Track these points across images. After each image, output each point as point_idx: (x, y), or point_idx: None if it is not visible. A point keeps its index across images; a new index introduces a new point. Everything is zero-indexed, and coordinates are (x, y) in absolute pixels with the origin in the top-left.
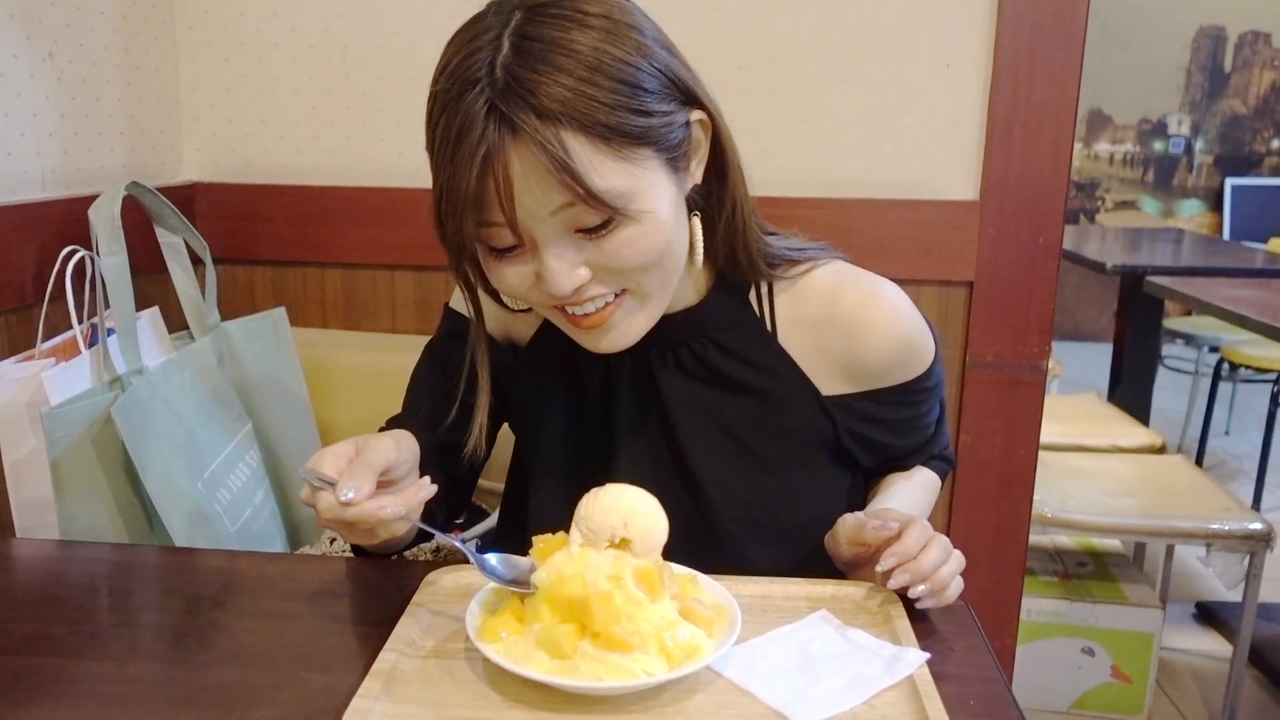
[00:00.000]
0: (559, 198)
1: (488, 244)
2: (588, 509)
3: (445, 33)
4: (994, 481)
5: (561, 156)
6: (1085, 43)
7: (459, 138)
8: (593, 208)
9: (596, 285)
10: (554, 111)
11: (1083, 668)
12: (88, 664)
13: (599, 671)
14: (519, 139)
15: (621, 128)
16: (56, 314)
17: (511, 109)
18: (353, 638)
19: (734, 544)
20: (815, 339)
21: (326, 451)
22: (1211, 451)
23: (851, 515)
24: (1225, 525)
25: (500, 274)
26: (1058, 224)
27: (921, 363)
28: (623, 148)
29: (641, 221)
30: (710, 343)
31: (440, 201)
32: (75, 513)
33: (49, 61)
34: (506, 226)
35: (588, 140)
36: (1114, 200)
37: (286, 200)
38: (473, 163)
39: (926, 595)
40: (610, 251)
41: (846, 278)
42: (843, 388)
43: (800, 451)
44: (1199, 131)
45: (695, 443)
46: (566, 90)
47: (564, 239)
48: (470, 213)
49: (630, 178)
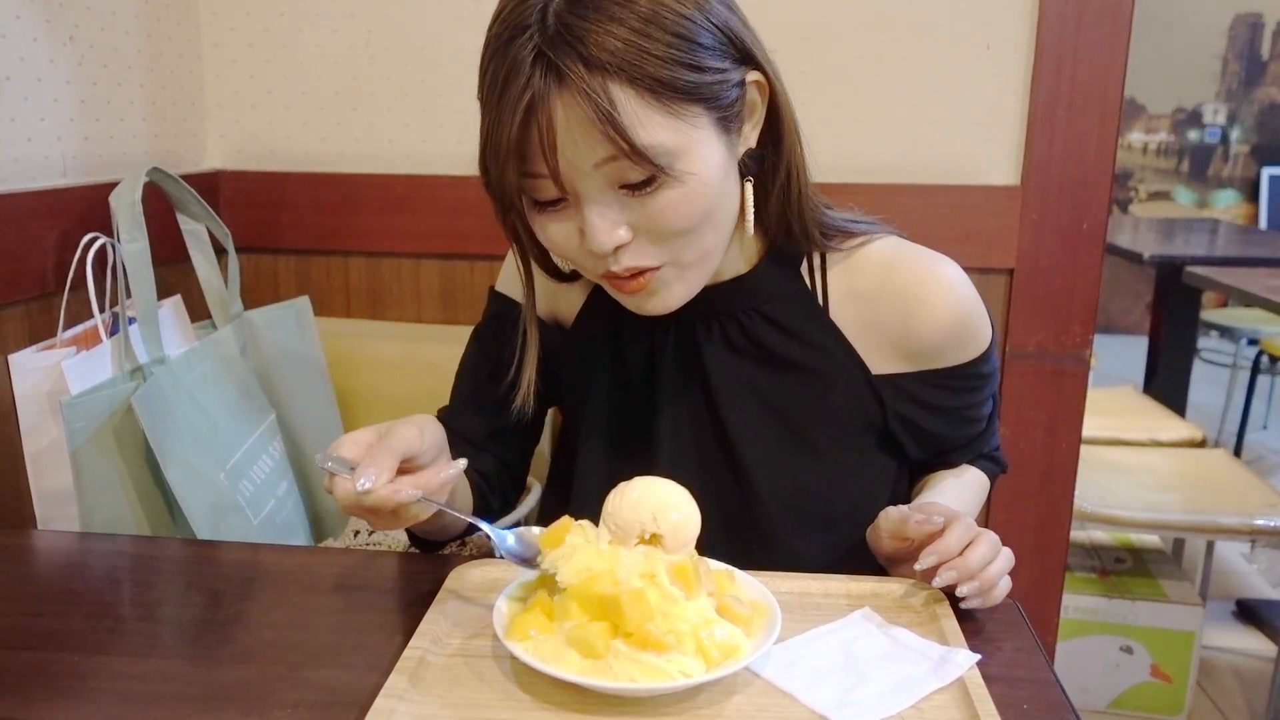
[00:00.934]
0: (602, 151)
1: (532, 196)
2: (615, 504)
3: (470, 16)
4: (1036, 476)
5: (606, 107)
6: (1132, 22)
7: (505, 83)
8: (636, 163)
9: (635, 254)
10: (602, 61)
11: (1121, 666)
12: (107, 659)
13: (633, 672)
14: (564, 88)
15: (673, 82)
16: (77, 302)
17: (559, 56)
18: (377, 633)
19: (773, 525)
20: (868, 313)
21: (347, 437)
22: (1249, 446)
23: (894, 508)
24: (1270, 521)
25: (545, 228)
26: (1102, 210)
27: (977, 345)
28: (672, 103)
29: (686, 183)
30: (758, 315)
31: (485, 149)
32: (96, 504)
33: (70, 46)
34: (549, 178)
35: (636, 93)
36: (1147, 191)
37: (310, 188)
38: (516, 110)
39: (974, 594)
40: (653, 212)
41: (904, 251)
42: (894, 366)
43: (846, 433)
44: (1235, 120)
45: (738, 420)
46: (618, 41)
47: (607, 194)
48: (513, 161)
49: (678, 134)
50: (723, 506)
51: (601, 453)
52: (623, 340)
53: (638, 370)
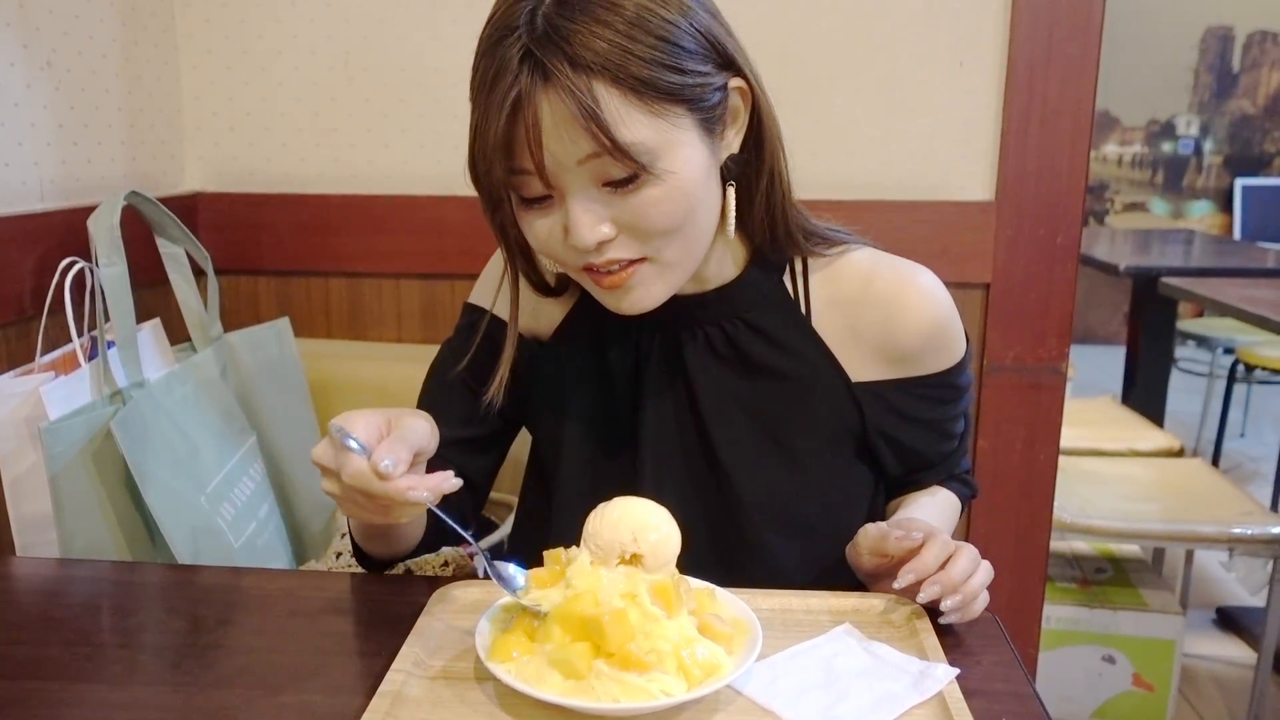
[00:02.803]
0: (586, 147)
1: (518, 192)
2: (595, 525)
3: (449, 37)
4: (1014, 487)
5: (590, 105)
6: (1102, 39)
7: (494, 81)
8: (618, 160)
9: (618, 248)
10: (587, 61)
11: (1103, 676)
12: (87, 687)
13: (615, 692)
14: (550, 85)
15: (655, 82)
16: (56, 327)
17: (546, 55)
18: (359, 657)
19: (755, 533)
20: (849, 320)
21: (357, 414)
22: (1227, 454)
23: (874, 525)
24: (1248, 529)
25: (530, 225)
26: (1075, 224)
27: (952, 354)
28: (655, 103)
29: (667, 181)
30: (742, 323)
31: (474, 145)
32: (75, 529)
33: (47, 70)
34: (535, 175)
35: (619, 92)
36: (1123, 202)
37: (290, 209)
38: (504, 105)
39: (955, 608)
40: (635, 210)
41: (883, 260)
42: (874, 373)
43: (827, 442)
44: (1208, 132)
45: (722, 428)
46: (603, 42)
47: (591, 191)
48: (500, 157)
49: (659, 133)
50: (706, 514)
51: (584, 463)
52: (606, 351)
53: (621, 380)
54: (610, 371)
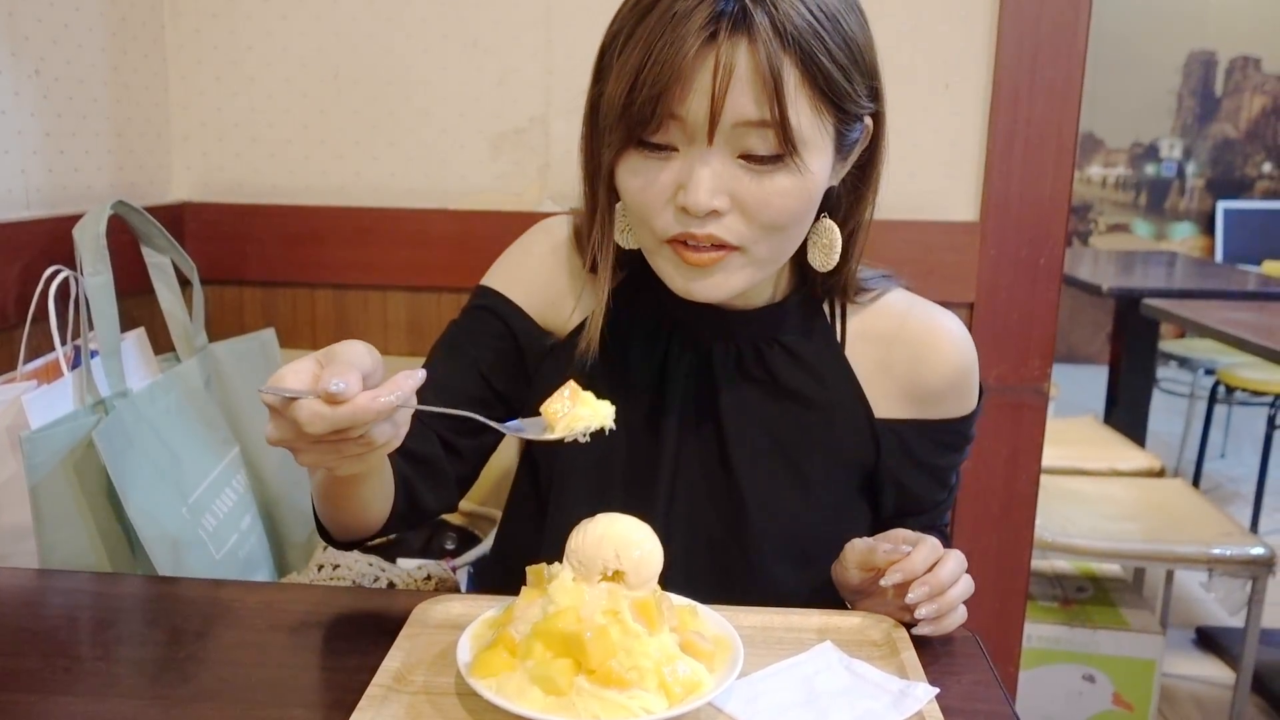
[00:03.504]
0: (758, 111)
1: (647, 135)
2: (578, 541)
3: (438, 51)
4: (996, 506)
5: (779, 71)
6: (1086, 62)
7: (689, 10)
8: (777, 137)
9: (723, 227)
10: (787, 32)
11: (1084, 695)
12: (64, 700)
13: (596, 709)
14: (751, 38)
15: (830, 78)
16: (39, 335)
17: (754, 5)
18: (339, 671)
19: (761, 555)
20: (881, 355)
21: (285, 368)
22: (1207, 475)
23: (860, 540)
24: (1227, 550)
25: (638, 172)
26: (1059, 245)
27: (971, 401)
28: (820, 98)
29: (802, 175)
30: (779, 345)
31: (639, 73)
32: (55, 540)
33: (35, 78)
34: (684, 121)
35: (800, 74)
36: (1106, 223)
37: (277, 220)
38: (697, 39)
39: (930, 616)
40: (762, 193)
41: (918, 302)
42: (897, 411)
43: (841, 474)
44: (1190, 155)
45: (743, 450)
46: (803, 20)
47: (727, 158)
48: (672, 90)
49: (813, 127)
50: (714, 534)
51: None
52: (629, 356)
53: (643, 388)
54: (633, 378)
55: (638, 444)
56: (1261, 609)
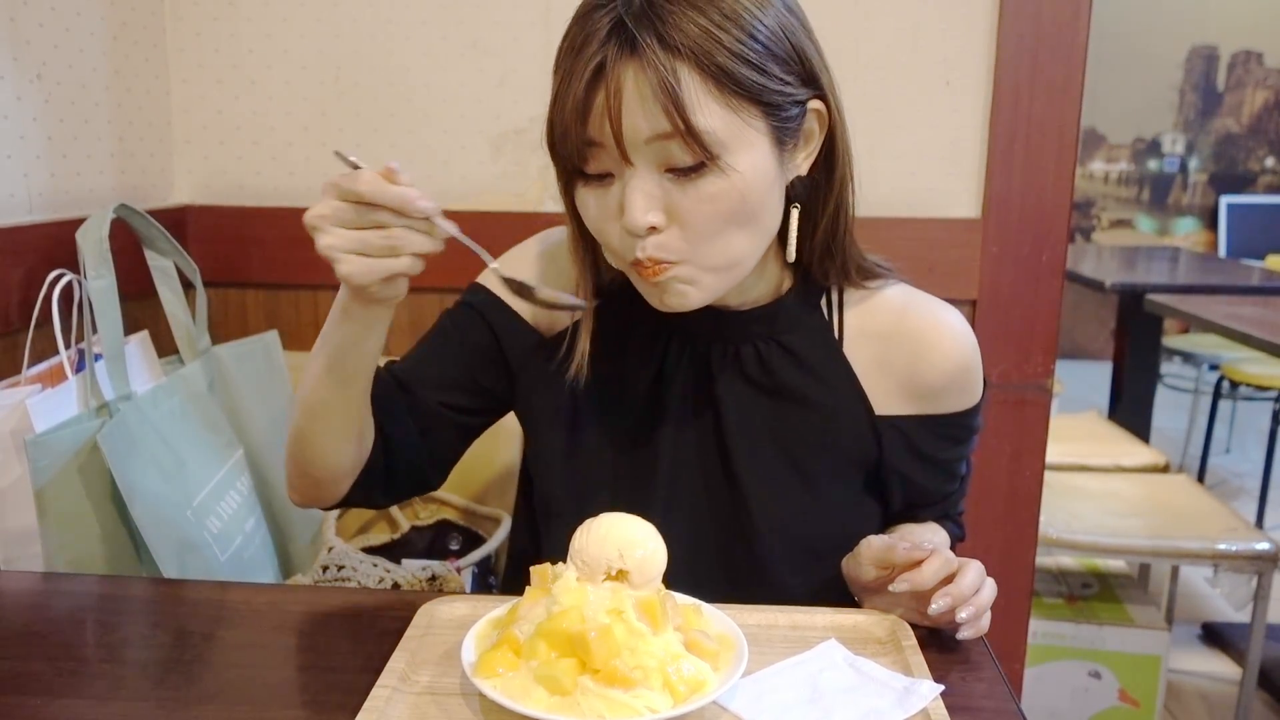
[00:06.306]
0: (660, 125)
1: (584, 166)
2: (582, 541)
3: (439, 53)
4: (1000, 503)
5: (672, 83)
6: (1087, 59)
7: (581, 47)
8: (688, 144)
9: (662, 243)
10: (677, 42)
11: (1090, 691)
12: (70, 702)
13: (600, 708)
14: (636, 58)
15: (736, 76)
16: (42, 339)
17: (638, 29)
18: (345, 673)
19: (767, 555)
20: (880, 352)
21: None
22: (1212, 470)
23: (877, 537)
24: (1233, 545)
25: (586, 203)
26: (1061, 241)
27: (972, 396)
28: (732, 97)
29: (730, 176)
30: (776, 344)
31: (554, 109)
32: (60, 543)
33: (37, 83)
34: (603, 147)
35: (701, 79)
36: (1109, 219)
37: (279, 222)
38: (587, 70)
39: (971, 619)
40: (692, 201)
41: (917, 297)
42: (897, 407)
43: (845, 472)
44: (1193, 150)
45: (744, 450)
46: (695, 27)
47: (653, 173)
48: (576, 124)
49: (731, 127)
50: (717, 535)
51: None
52: (627, 361)
53: (641, 390)
54: (630, 381)
55: (636, 446)
56: (1267, 604)
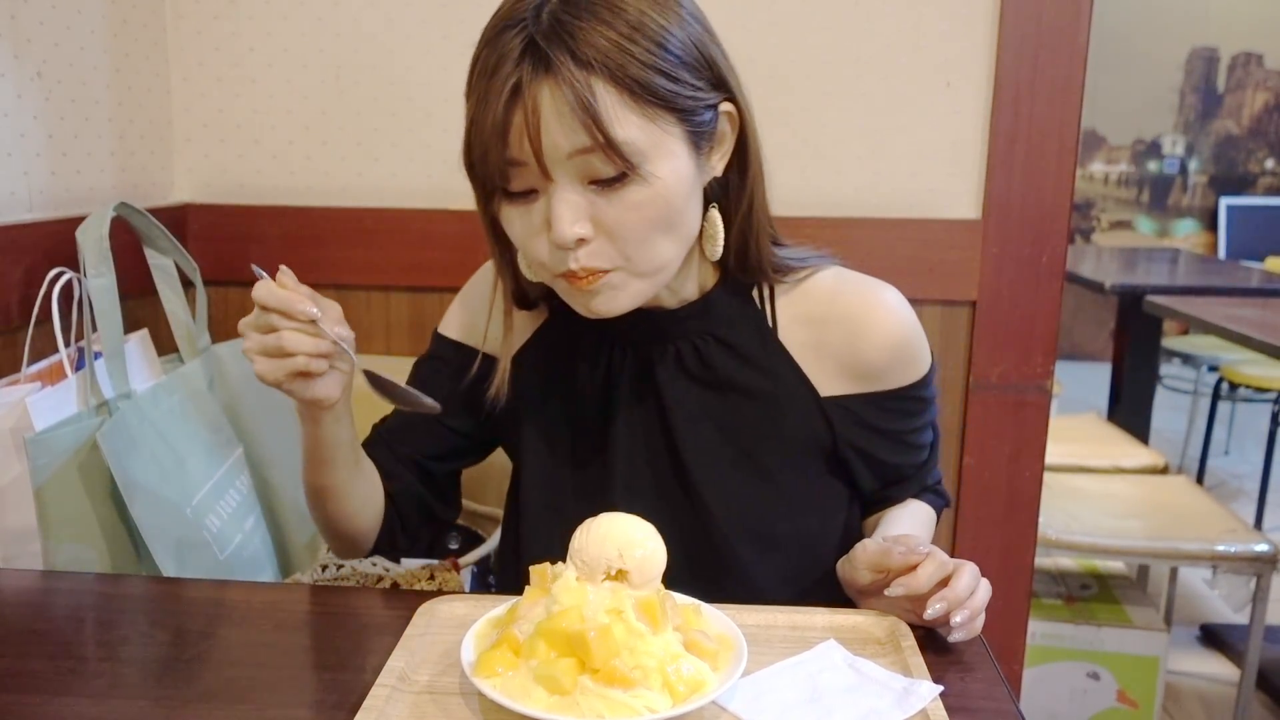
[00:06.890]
0: (580, 140)
1: (507, 185)
2: (582, 540)
3: (440, 52)
4: (999, 504)
5: (588, 98)
6: (1087, 60)
7: (495, 68)
8: (609, 157)
9: (592, 253)
10: (589, 58)
11: (1088, 692)
12: (69, 701)
13: (600, 708)
14: (551, 75)
15: (650, 86)
16: (42, 337)
17: (550, 48)
18: (344, 671)
19: (729, 549)
20: (816, 336)
21: None
22: (1211, 471)
23: (872, 541)
24: (1231, 547)
25: (512, 221)
26: (1061, 243)
27: (918, 369)
28: (648, 106)
29: (652, 184)
30: (713, 339)
31: (470, 132)
32: (60, 542)
33: (37, 81)
34: (526, 165)
35: (616, 92)
36: (1109, 220)
37: (279, 221)
38: (503, 92)
39: (964, 623)
40: (617, 211)
41: (848, 278)
42: (841, 388)
43: (798, 457)
44: (1193, 152)
45: (693, 445)
46: (605, 41)
47: (577, 186)
48: (495, 144)
49: (650, 136)
50: (678, 531)
51: (553, 478)
52: (576, 367)
53: (592, 396)
54: (580, 388)
55: (592, 452)
56: (1266, 606)
